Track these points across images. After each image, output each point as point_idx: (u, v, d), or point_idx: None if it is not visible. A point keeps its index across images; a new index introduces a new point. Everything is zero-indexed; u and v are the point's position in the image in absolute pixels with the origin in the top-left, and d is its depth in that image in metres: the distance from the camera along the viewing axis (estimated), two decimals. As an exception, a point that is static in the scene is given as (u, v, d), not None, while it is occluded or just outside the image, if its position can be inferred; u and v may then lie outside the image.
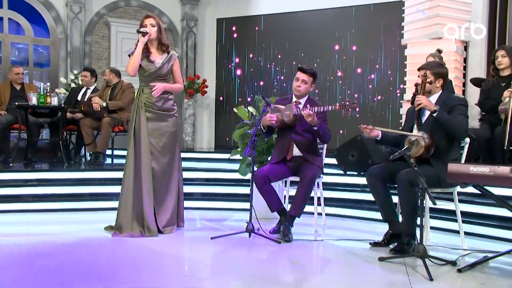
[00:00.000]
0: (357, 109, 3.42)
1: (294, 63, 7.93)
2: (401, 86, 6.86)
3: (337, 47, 7.62)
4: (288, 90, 8.05)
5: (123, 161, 6.53)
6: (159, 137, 3.52)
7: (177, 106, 3.74)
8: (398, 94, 7.02)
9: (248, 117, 4.50)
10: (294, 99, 3.76)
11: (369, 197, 4.55)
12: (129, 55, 3.53)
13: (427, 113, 3.23)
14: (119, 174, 4.94)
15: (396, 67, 7.09)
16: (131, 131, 3.52)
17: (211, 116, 8.63)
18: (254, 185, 3.54)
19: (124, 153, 6.68)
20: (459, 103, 3.17)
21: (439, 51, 4.86)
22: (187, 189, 4.19)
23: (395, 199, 3.29)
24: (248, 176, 4.44)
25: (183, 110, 8.21)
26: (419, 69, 3.35)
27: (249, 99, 8.24)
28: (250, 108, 4.45)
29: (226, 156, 6.97)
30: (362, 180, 4.80)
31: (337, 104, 3.40)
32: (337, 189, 4.85)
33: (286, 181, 4.05)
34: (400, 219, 3.24)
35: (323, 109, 3.50)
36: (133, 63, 3.40)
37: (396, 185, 3.12)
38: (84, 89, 6.27)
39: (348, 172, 4.93)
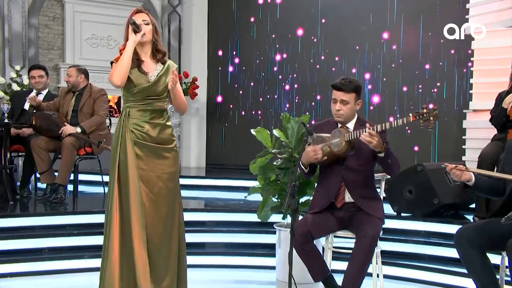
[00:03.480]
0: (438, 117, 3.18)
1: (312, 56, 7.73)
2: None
3: (368, 39, 7.46)
4: (309, 90, 7.89)
5: (92, 189, 6.37)
6: (153, 181, 3.23)
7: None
8: (455, 101, 6.85)
9: (272, 144, 4.26)
10: (339, 124, 3.55)
11: (442, 252, 4.36)
12: (112, 62, 3.23)
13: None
14: (90, 218, 4.76)
15: (456, 66, 6.88)
16: (113, 173, 3.20)
17: (201, 124, 8.53)
18: (292, 244, 3.28)
19: (93, 178, 6.75)
20: None
21: None
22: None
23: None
24: (272, 218, 4.25)
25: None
26: None
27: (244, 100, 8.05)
28: (276, 132, 4.20)
29: (224, 182, 6.98)
30: (428, 226, 4.59)
31: (411, 115, 3.14)
32: (394, 239, 4.61)
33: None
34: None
35: (389, 126, 3.25)
36: (121, 69, 3.10)
37: (507, 255, 2.89)
38: (33, 94, 5.94)
39: (402, 214, 4.76)
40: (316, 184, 3.77)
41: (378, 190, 3.75)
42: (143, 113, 3.22)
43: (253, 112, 8.34)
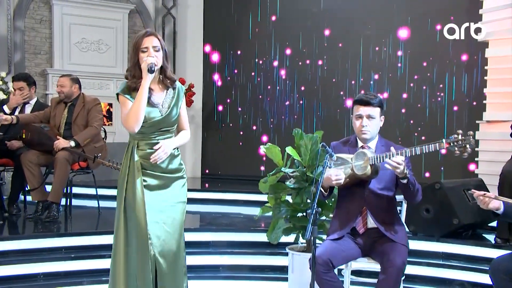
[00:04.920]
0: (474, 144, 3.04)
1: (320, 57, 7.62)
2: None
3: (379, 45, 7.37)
4: (309, 97, 7.79)
5: (84, 203, 6.15)
6: (165, 212, 3.15)
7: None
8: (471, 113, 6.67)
9: (284, 162, 4.13)
10: (360, 143, 3.47)
11: (462, 275, 4.25)
12: (118, 94, 3.10)
13: None
14: (88, 240, 4.63)
15: (470, 73, 6.76)
16: (120, 206, 3.12)
17: (196, 132, 8.40)
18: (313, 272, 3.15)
19: (86, 191, 6.60)
20: None
21: None
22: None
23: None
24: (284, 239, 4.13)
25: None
26: None
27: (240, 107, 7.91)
28: (289, 150, 4.06)
29: (222, 196, 6.85)
30: (447, 248, 4.47)
31: (444, 141, 3.02)
32: (409, 261, 4.47)
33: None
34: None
35: (419, 151, 3.14)
36: (138, 114, 2.97)
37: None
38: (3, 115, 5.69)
39: (419, 234, 4.65)
40: (335, 208, 3.64)
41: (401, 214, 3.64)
42: (153, 145, 3.13)
43: (252, 120, 8.23)
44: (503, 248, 4.26)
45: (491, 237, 4.63)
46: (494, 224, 4.71)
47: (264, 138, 8.00)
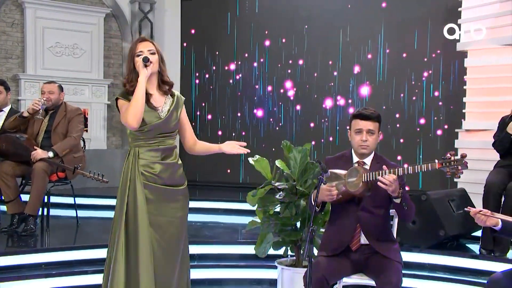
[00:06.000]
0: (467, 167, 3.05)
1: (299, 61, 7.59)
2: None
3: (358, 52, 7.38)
4: (288, 100, 7.75)
5: (60, 212, 5.98)
6: (165, 226, 3.09)
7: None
8: (449, 122, 6.74)
9: (273, 175, 4.07)
10: (355, 158, 3.42)
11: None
12: (117, 99, 3.07)
13: None
14: (70, 255, 4.48)
15: (448, 83, 6.81)
16: (121, 218, 3.03)
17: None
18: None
19: (65, 200, 6.28)
20: None
21: None
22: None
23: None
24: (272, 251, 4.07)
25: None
26: None
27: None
28: (278, 163, 4.01)
29: (201, 204, 6.67)
30: (433, 259, 4.49)
31: (436, 162, 3.01)
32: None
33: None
34: None
35: (411, 171, 3.12)
36: (137, 108, 2.94)
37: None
38: None
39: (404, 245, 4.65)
40: (327, 222, 3.60)
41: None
42: (154, 153, 3.07)
43: (230, 123, 8.19)
44: (487, 259, 4.30)
45: (474, 247, 4.68)
46: (477, 233, 4.75)
47: (243, 142, 7.91)
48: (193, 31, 8.30)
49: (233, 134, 8.04)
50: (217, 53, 8.19)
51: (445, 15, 6.49)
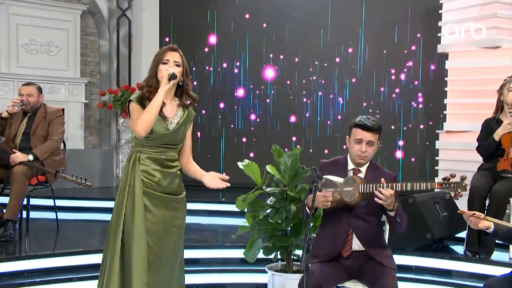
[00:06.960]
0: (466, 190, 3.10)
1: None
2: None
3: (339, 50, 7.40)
4: (267, 103, 7.74)
5: (39, 215, 5.82)
6: (161, 235, 3.07)
7: (106, 127, 3.18)
8: (430, 123, 6.88)
9: (263, 180, 4.05)
10: (351, 165, 3.42)
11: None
12: (130, 101, 3.04)
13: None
14: (53, 262, 4.38)
15: (429, 83, 6.90)
16: (118, 225, 3.00)
17: None
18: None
19: (44, 202, 6.04)
20: None
21: None
22: None
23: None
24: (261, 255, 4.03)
25: (114, 134, 7.68)
26: None
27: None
28: (269, 168, 3.98)
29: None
30: (419, 261, 4.53)
31: (436, 182, 3.04)
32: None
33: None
34: None
35: (410, 187, 3.16)
36: (149, 119, 2.92)
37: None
38: None
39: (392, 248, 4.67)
40: (318, 227, 3.60)
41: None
42: (155, 161, 3.06)
43: (210, 122, 8.14)
44: (473, 261, 4.37)
45: (459, 248, 4.73)
46: (461, 235, 4.81)
47: (223, 142, 7.92)
48: (172, 28, 8.18)
49: (213, 131, 8.03)
50: (197, 54, 8.12)
51: (425, 16, 6.57)
